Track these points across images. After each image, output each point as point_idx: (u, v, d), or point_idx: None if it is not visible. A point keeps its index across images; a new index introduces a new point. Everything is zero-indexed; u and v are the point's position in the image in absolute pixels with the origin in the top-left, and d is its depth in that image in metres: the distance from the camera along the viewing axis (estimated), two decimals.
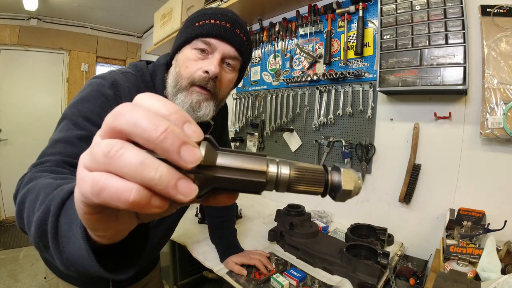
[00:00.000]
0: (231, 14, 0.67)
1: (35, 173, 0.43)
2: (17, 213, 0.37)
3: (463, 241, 0.89)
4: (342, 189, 0.23)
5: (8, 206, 3.10)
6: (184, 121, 0.19)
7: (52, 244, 0.28)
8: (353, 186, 0.23)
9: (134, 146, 0.18)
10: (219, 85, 0.67)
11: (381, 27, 1.10)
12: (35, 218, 0.31)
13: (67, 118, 0.56)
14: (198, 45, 0.64)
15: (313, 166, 0.24)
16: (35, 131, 3.17)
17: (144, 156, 0.17)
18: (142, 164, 0.17)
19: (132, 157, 0.17)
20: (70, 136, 0.53)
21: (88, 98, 0.59)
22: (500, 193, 0.97)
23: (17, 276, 2.13)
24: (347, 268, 0.92)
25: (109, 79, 0.62)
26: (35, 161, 0.50)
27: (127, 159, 0.17)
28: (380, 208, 1.29)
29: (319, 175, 0.23)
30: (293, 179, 0.22)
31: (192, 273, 1.61)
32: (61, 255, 0.27)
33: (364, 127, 1.33)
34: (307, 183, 0.23)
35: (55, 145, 0.52)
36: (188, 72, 0.64)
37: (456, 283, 0.68)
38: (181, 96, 0.65)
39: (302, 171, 0.23)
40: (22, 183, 0.42)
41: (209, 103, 0.66)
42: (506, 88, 0.92)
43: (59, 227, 0.28)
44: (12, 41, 2.95)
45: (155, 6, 2.44)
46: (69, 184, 0.32)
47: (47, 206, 0.30)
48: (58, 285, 0.79)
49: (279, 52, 1.72)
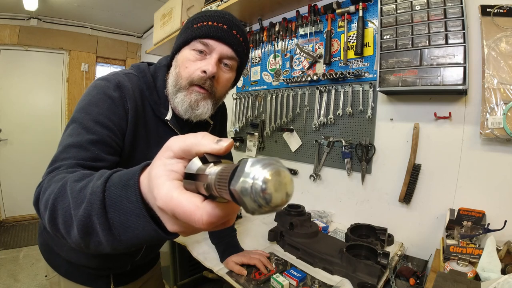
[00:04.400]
0: (228, 16, 0.69)
1: (52, 179, 0.44)
2: (50, 219, 0.40)
3: (463, 241, 0.89)
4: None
5: (8, 206, 3.10)
6: None
7: (105, 236, 0.33)
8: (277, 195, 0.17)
9: None
10: (216, 84, 0.70)
11: (381, 27, 1.10)
12: (76, 220, 0.35)
13: (77, 122, 0.58)
14: (196, 46, 0.67)
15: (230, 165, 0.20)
16: (35, 131, 3.17)
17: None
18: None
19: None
20: (82, 141, 0.54)
21: (96, 102, 0.60)
22: (500, 193, 0.97)
23: (17, 276, 2.13)
24: (347, 268, 0.92)
25: (114, 81, 0.64)
26: (48, 167, 0.51)
27: None
28: (380, 208, 1.29)
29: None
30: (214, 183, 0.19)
31: (192, 273, 1.61)
32: (118, 242, 0.33)
33: (364, 127, 1.33)
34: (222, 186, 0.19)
35: (68, 150, 0.53)
36: (187, 72, 0.67)
37: (456, 283, 0.68)
38: (180, 95, 0.67)
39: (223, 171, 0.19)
40: (42, 190, 0.44)
41: (206, 102, 0.69)
42: (506, 88, 0.92)
43: (110, 222, 0.33)
44: (12, 41, 2.95)
45: (155, 6, 2.44)
46: (96, 183, 0.35)
47: (87, 209, 0.34)
48: (59, 283, 0.80)
49: (279, 52, 1.72)
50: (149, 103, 0.70)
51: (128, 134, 0.64)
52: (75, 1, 2.71)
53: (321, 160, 1.50)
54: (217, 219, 0.24)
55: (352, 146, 1.36)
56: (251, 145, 1.90)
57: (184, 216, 0.24)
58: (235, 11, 1.72)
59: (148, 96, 0.70)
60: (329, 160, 1.47)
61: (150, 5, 2.63)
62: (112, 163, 0.59)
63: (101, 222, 0.33)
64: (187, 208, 0.24)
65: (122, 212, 0.32)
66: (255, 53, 1.88)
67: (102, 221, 0.33)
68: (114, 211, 0.33)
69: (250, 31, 1.90)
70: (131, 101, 0.64)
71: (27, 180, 3.10)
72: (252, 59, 1.90)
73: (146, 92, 0.70)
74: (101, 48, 3.52)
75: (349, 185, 1.40)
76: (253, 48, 1.88)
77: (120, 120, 0.62)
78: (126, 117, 0.64)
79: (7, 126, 3.03)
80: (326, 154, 1.47)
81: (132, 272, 0.86)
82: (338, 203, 1.45)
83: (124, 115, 0.63)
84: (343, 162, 1.38)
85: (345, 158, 1.37)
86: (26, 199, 3.07)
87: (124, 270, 0.81)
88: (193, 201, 0.24)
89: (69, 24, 3.24)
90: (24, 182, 3.09)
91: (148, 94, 0.70)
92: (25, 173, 3.09)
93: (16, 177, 3.09)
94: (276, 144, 1.75)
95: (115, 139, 0.60)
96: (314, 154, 1.52)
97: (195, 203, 0.24)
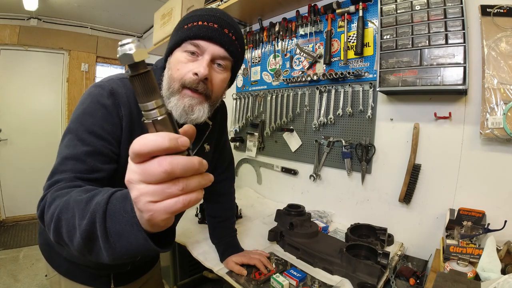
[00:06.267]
0: (219, 14, 0.67)
1: (55, 193, 0.48)
2: (54, 231, 0.44)
3: (463, 241, 0.89)
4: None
5: (8, 206, 3.10)
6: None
7: (103, 244, 0.37)
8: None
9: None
10: (211, 86, 0.67)
11: (381, 27, 1.10)
12: (80, 230, 0.39)
13: (73, 133, 0.59)
14: (187, 47, 0.65)
15: None
16: (35, 131, 3.17)
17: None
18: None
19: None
20: (78, 153, 0.56)
21: (90, 112, 0.61)
22: (500, 193, 0.97)
23: (17, 276, 2.13)
24: (347, 268, 0.92)
25: (107, 88, 0.64)
26: (47, 179, 0.54)
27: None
28: (380, 208, 1.29)
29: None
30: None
31: (192, 273, 1.61)
32: (113, 250, 0.37)
33: (364, 127, 1.33)
34: None
35: (66, 162, 0.56)
36: (179, 74, 0.65)
37: (456, 283, 0.68)
38: (174, 99, 0.66)
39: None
40: (46, 204, 0.48)
41: (202, 106, 0.67)
42: (506, 88, 0.92)
43: (107, 230, 0.37)
44: (12, 41, 2.95)
45: (155, 6, 2.44)
46: (102, 196, 0.40)
47: (91, 219, 0.38)
48: (60, 283, 0.80)
49: (279, 52, 1.72)
50: None
51: (124, 140, 0.64)
52: (75, 1, 2.71)
53: (321, 160, 1.50)
54: (162, 138, 0.28)
55: (352, 146, 1.36)
56: (251, 145, 1.90)
57: (153, 142, 0.28)
58: (235, 11, 1.72)
59: None
60: (329, 160, 1.47)
61: (150, 5, 2.63)
62: (109, 171, 0.60)
63: (101, 229, 0.37)
64: (153, 137, 0.28)
65: (118, 221, 0.36)
66: (255, 53, 1.88)
67: (101, 229, 0.37)
68: (111, 220, 0.37)
69: (250, 31, 1.90)
70: (125, 107, 0.64)
71: (27, 180, 3.10)
72: (252, 59, 1.90)
73: None
74: (101, 48, 3.52)
75: (349, 185, 1.40)
76: (253, 48, 1.88)
77: (115, 128, 0.62)
78: (121, 123, 0.64)
79: (7, 126, 3.03)
80: (326, 154, 1.47)
81: (132, 272, 0.86)
82: (338, 203, 1.45)
83: (119, 122, 0.63)
84: (343, 162, 1.38)
85: (345, 158, 1.37)
86: (26, 199, 3.08)
87: (124, 270, 0.81)
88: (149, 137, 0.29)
89: (69, 24, 3.24)
90: (24, 182, 3.09)
91: None
92: (25, 173, 3.10)
93: (16, 177, 3.09)
94: (276, 144, 1.75)
95: (110, 148, 0.61)
96: (314, 154, 1.52)
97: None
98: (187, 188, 0.29)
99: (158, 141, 0.27)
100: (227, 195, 1.07)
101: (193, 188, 0.30)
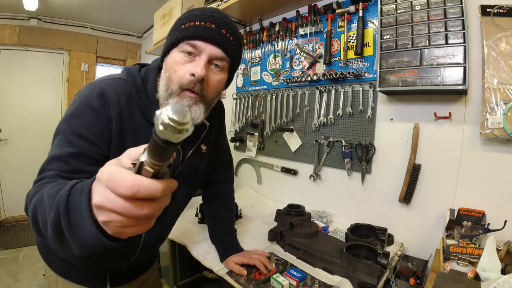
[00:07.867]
0: (217, 14, 0.66)
1: (37, 188, 0.51)
2: (33, 223, 0.47)
3: (463, 241, 0.89)
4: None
5: (8, 206, 3.10)
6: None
7: (69, 235, 0.38)
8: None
9: None
10: (207, 87, 0.67)
11: (381, 27, 1.10)
12: (49, 221, 0.41)
13: (61, 134, 0.61)
14: (184, 48, 0.64)
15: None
16: (35, 131, 3.17)
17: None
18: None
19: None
20: (63, 154, 0.58)
21: (78, 113, 0.61)
22: (500, 193, 0.97)
23: (17, 276, 2.13)
24: (347, 268, 0.92)
25: (97, 89, 0.63)
26: (36, 176, 0.57)
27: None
28: (380, 208, 1.29)
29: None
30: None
31: (192, 273, 1.61)
32: (77, 241, 0.38)
33: (364, 127, 1.33)
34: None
35: (52, 161, 0.58)
36: (177, 76, 0.64)
37: (456, 283, 0.68)
38: (172, 101, 0.65)
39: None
40: (29, 198, 0.50)
41: (198, 106, 0.67)
42: (506, 88, 0.92)
43: (70, 221, 0.38)
44: (12, 41, 2.95)
45: (155, 6, 2.44)
46: (64, 189, 0.41)
47: (56, 211, 0.40)
48: (56, 282, 0.80)
49: (279, 52, 1.71)
50: (139, 107, 0.68)
51: (114, 142, 0.64)
52: (75, 1, 2.70)
53: (321, 160, 1.50)
54: (139, 187, 0.29)
55: (352, 146, 1.36)
56: (251, 145, 1.90)
57: (117, 177, 0.30)
58: (235, 11, 1.72)
59: (137, 100, 0.68)
60: (329, 160, 1.47)
61: (150, 5, 2.63)
62: (94, 173, 0.60)
63: (65, 221, 0.38)
64: (121, 173, 0.30)
65: (78, 214, 0.37)
66: (255, 53, 1.88)
67: (65, 221, 0.38)
68: (73, 212, 0.38)
69: (250, 31, 1.90)
70: (114, 108, 0.64)
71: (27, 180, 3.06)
72: (252, 59, 1.90)
73: (135, 96, 0.68)
74: (101, 48, 3.52)
75: (349, 185, 1.40)
76: (253, 48, 1.88)
77: (103, 130, 0.62)
78: (110, 125, 0.63)
79: (7, 126, 3.03)
80: (326, 154, 1.47)
81: (128, 273, 0.86)
82: (338, 203, 1.45)
83: (107, 124, 0.63)
84: (343, 162, 1.38)
85: (345, 158, 1.37)
86: None
87: (119, 271, 0.81)
88: (127, 172, 0.30)
89: (69, 24, 3.24)
90: (24, 182, 3.05)
91: (137, 98, 0.68)
92: (25, 173, 3.07)
93: (16, 177, 3.08)
94: (276, 144, 1.75)
95: (96, 150, 0.61)
96: (314, 154, 1.52)
97: (128, 172, 0.30)
98: (154, 215, 0.33)
99: (152, 191, 0.30)
100: (226, 195, 1.07)
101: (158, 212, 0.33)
